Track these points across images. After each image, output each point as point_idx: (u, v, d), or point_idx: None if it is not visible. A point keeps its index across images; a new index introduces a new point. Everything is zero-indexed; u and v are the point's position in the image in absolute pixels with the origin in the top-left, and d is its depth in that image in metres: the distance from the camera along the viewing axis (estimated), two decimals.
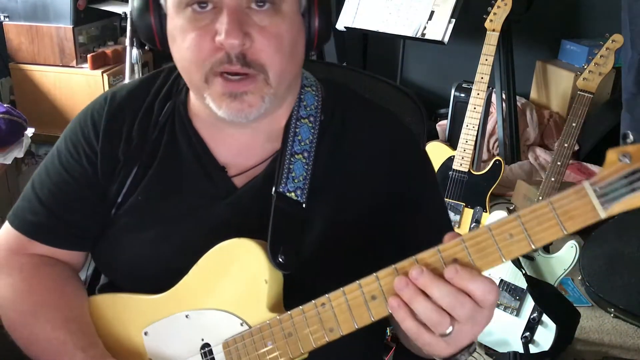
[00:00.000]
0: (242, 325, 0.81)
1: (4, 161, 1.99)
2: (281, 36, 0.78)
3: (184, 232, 0.88)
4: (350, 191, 0.88)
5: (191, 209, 0.88)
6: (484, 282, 0.65)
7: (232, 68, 0.77)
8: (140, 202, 0.89)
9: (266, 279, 0.80)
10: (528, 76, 3.63)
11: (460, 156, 2.37)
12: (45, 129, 2.76)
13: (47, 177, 0.93)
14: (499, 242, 0.65)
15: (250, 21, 0.77)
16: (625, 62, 2.69)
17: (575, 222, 0.63)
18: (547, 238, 0.64)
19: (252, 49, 0.77)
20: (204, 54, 0.77)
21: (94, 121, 0.92)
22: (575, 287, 2.49)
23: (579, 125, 2.00)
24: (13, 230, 0.93)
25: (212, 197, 0.88)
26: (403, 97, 1.19)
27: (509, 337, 2.02)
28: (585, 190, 0.62)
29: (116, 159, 0.90)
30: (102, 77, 2.77)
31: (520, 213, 0.65)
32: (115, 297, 0.91)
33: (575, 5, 3.59)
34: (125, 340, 0.89)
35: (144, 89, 0.94)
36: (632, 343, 2.21)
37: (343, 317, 0.73)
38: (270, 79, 0.79)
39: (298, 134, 0.88)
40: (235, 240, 0.81)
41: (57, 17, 2.72)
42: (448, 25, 2.48)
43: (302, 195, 0.85)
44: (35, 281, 0.91)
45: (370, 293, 0.71)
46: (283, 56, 0.79)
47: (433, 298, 0.66)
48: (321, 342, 0.76)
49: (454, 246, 0.67)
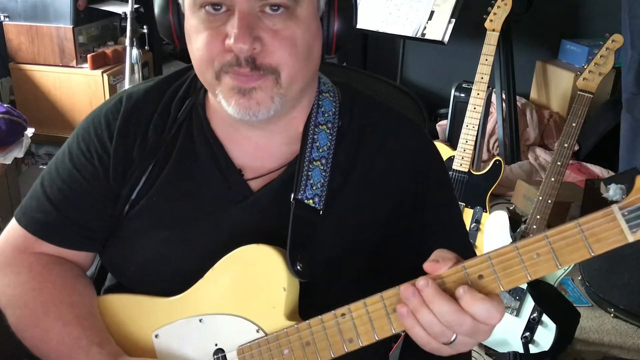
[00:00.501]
0: (258, 332, 0.80)
1: (4, 161, 1.99)
2: (295, 40, 0.78)
3: (198, 234, 0.87)
4: (367, 198, 0.88)
5: (206, 211, 0.87)
6: (488, 307, 0.66)
7: (240, 70, 0.77)
8: (155, 202, 0.88)
9: (284, 287, 0.79)
10: (528, 76, 3.63)
11: (460, 156, 2.37)
12: (45, 129, 2.77)
13: (57, 176, 0.92)
14: (525, 261, 0.66)
15: (262, 25, 0.76)
16: (625, 62, 2.70)
17: (602, 244, 0.63)
18: (574, 259, 0.65)
19: (262, 52, 0.77)
20: (214, 54, 0.78)
21: (107, 121, 0.91)
22: (575, 287, 2.49)
23: (579, 125, 2.00)
24: (20, 228, 0.92)
25: (228, 200, 0.87)
26: (404, 97, 1.19)
27: (509, 337, 2.02)
28: (614, 214, 0.62)
29: (130, 160, 0.89)
30: (102, 77, 2.77)
31: (548, 233, 0.65)
32: (125, 298, 0.90)
33: (575, 5, 3.59)
34: (134, 342, 0.88)
35: (160, 90, 0.94)
36: (632, 343, 2.21)
37: (363, 329, 0.73)
38: (282, 80, 0.79)
39: (316, 141, 0.87)
40: (254, 246, 0.80)
41: (57, 17, 2.72)
42: (448, 25, 2.48)
43: (320, 203, 0.84)
44: (45, 279, 0.90)
45: (392, 306, 0.71)
46: (296, 59, 0.79)
47: (435, 314, 0.67)
48: (339, 353, 0.75)
49: (480, 263, 0.68)
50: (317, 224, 0.84)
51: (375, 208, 0.88)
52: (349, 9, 0.84)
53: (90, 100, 2.81)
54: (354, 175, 0.88)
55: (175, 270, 0.86)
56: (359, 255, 0.86)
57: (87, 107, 2.82)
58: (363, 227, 0.87)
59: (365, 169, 0.88)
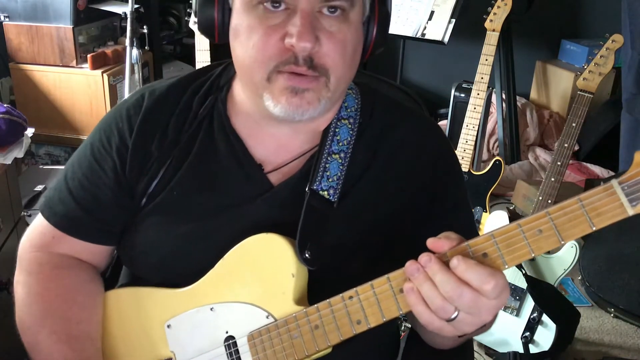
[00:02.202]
0: (268, 317, 0.82)
1: (4, 161, 1.99)
2: (346, 43, 0.80)
3: (218, 228, 0.88)
4: (383, 194, 0.89)
5: (226, 205, 0.88)
6: (480, 272, 0.67)
7: (298, 69, 0.78)
8: (174, 197, 0.89)
9: (293, 273, 0.81)
10: (528, 76, 3.63)
11: (460, 156, 2.37)
12: (45, 129, 2.77)
13: (78, 168, 0.93)
14: (528, 238, 0.68)
15: (320, 25, 0.78)
16: (625, 62, 2.70)
17: (603, 218, 0.65)
18: (576, 234, 0.66)
19: (319, 52, 0.78)
20: (270, 52, 0.78)
21: (129, 115, 0.92)
22: (575, 287, 2.49)
23: (579, 125, 2.00)
24: (43, 221, 0.94)
25: (248, 194, 0.88)
26: (404, 97, 1.19)
27: (509, 337, 2.02)
28: (614, 188, 0.64)
29: (149, 154, 0.90)
30: (102, 77, 2.77)
31: (549, 209, 0.67)
32: (138, 291, 0.91)
33: (575, 5, 3.59)
34: (147, 333, 0.89)
35: (183, 86, 0.95)
36: (632, 343, 2.21)
37: (371, 310, 0.75)
38: (331, 83, 0.81)
39: (337, 134, 0.89)
40: (263, 235, 0.82)
41: (57, 17, 2.72)
42: (448, 25, 2.48)
43: (335, 195, 0.86)
44: (49, 285, 0.92)
45: (399, 286, 0.73)
46: (345, 63, 0.81)
47: (436, 285, 0.68)
48: (348, 335, 0.77)
49: (484, 241, 0.69)
50: (329, 216, 0.85)
51: (389, 204, 0.89)
52: (387, 17, 0.86)
53: (90, 100, 2.81)
54: (371, 171, 0.89)
55: (195, 264, 0.87)
56: (370, 248, 0.87)
57: (87, 107, 2.82)
58: (376, 222, 0.88)
59: (383, 165, 0.90)
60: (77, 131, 2.85)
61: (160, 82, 0.97)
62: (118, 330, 0.93)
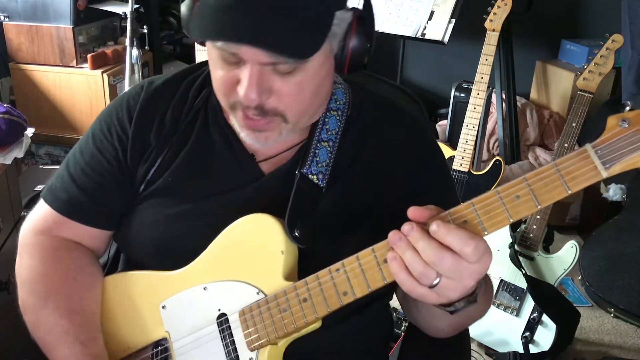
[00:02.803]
0: (259, 294, 0.85)
1: (4, 161, 1.99)
2: (302, 88, 0.81)
3: (210, 212, 0.91)
4: (370, 184, 0.92)
5: (219, 190, 0.92)
6: (460, 235, 0.68)
7: (249, 112, 0.81)
8: (170, 182, 0.93)
9: (282, 250, 0.83)
10: (528, 76, 3.63)
11: (460, 156, 2.37)
12: (45, 129, 2.77)
13: (80, 157, 0.97)
14: (506, 204, 0.69)
15: (272, 77, 0.79)
16: (625, 62, 2.69)
17: (578, 181, 0.67)
18: (552, 198, 0.68)
19: (271, 101, 0.80)
20: (227, 91, 0.82)
21: (128, 106, 0.97)
22: (575, 287, 2.49)
23: (579, 125, 2.00)
24: (45, 207, 0.98)
25: (240, 181, 0.93)
26: (404, 97, 1.19)
27: (509, 337, 2.02)
28: (588, 152, 0.67)
29: (147, 143, 0.94)
30: (102, 77, 2.77)
31: (526, 175, 0.69)
32: (134, 275, 0.94)
33: (575, 5, 3.58)
34: (142, 315, 0.92)
35: (179, 79, 0.99)
36: (632, 343, 2.21)
37: (356, 281, 0.77)
38: (288, 119, 0.83)
39: (327, 124, 0.92)
40: (254, 215, 0.85)
41: (57, 17, 2.72)
42: (448, 25, 2.48)
43: (323, 180, 0.90)
44: (51, 266, 0.95)
45: (383, 257, 0.75)
46: (302, 103, 0.83)
47: (419, 251, 0.69)
48: (335, 307, 0.79)
49: (463, 209, 0.71)
50: (318, 200, 0.89)
51: (376, 193, 0.92)
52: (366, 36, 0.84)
53: (90, 100, 2.81)
54: (358, 162, 0.92)
55: (186, 245, 0.90)
56: (359, 232, 0.89)
57: (87, 107, 2.82)
58: (363, 210, 0.91)
59: (370, 157, 0.93)
60: (77, 131, 2.86)
61: (159, 77, 1.01)
62: (115, 313, 0.95)
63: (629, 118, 0.66)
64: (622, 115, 0.67)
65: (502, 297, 2.04)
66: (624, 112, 0.67)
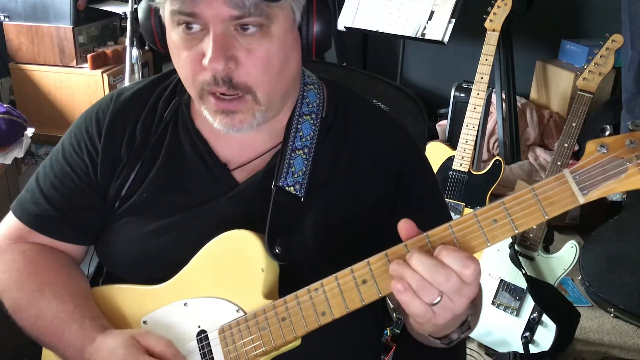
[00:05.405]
0: (238, 311, 0.84)
1: (4, 161, 1.99)
2: (269, 58, 0.79)
3: (186, 225, 0.90)
4: (350, 189, 0.90)
5: (193, 203, 0.90)
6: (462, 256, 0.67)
7: (219, 89, 0.79)
8: (144, 198, 0.91)
9: (263, 268, 0.83)
10: (528, 76, 3.63)
11: (460, 156, 2.37)
12: (45, 129, 2.77)
13: (50, 170, 0.95)
14: (484, 227, 0.69)
15: (237, 44, 0.77)
16: (625, 62, 2.69)
17: (555, 207, 0.67)
18: (529, 222, 0.68)
19: (238, 71, 0.78)
20: (194, 73, 0.80)
21: (98, 119, 0.95)
22: (575, 287, 2.49)
23: (579, 125, 2.00)
24: (16, 220, 0.96)
25: (214, 192, 0.90)
26: (403, 97, 1.19)
27: (509, 337, 2.02)
28: (566, 178, 0.67)
29: (118, 158, 0.92)
30: (102, 77, 2.77)
31: (504, 199, 0.69)
32: (115, 289, 0.93)
33: (575, 5, 3.59)
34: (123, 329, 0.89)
35: (149, 89, 0.97)
36: (632, 343, 2.21)
37: (335, 301, 0.76)
38: (259, 98, 0.81)
39: (300, 130, 0.90)
40: (235, 232, 0.84)
41: (57, 17, 2.72)
42: (448, 25, 2.47)
43: (301, 190, 0.87)
44: (40, 264, 0.93)
45: (362, 277, 0.74)
46: (271, 77, 0.81)
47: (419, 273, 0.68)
48: (313, 326, 0.78)
49: (441, 232, 0.71)
50: (298, 211, 0.87)
51: (358, 202, 0.90)
52: (328, 15, 0.84)
53: (90, 100, 2.81)
54: (338, 169, 0.90)
55: (165, 260, 0.89)
56: (341, 244, 0.88)
57: (87, 107, 2.79)
58: (345, 219, 0.89)
59: (350, 164, 0.91)
60: None
61: (130, 85, 0.99)
62: None
63: (608, 144, 0.66)
64: (601, 140, 0.66)
65: (502, 297, 2.04)
66: (602, 137, 0.67)
